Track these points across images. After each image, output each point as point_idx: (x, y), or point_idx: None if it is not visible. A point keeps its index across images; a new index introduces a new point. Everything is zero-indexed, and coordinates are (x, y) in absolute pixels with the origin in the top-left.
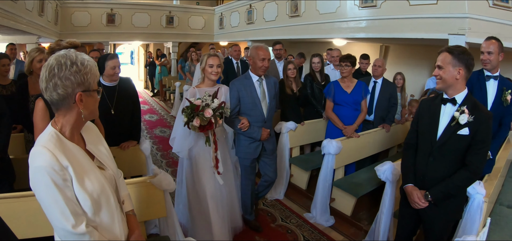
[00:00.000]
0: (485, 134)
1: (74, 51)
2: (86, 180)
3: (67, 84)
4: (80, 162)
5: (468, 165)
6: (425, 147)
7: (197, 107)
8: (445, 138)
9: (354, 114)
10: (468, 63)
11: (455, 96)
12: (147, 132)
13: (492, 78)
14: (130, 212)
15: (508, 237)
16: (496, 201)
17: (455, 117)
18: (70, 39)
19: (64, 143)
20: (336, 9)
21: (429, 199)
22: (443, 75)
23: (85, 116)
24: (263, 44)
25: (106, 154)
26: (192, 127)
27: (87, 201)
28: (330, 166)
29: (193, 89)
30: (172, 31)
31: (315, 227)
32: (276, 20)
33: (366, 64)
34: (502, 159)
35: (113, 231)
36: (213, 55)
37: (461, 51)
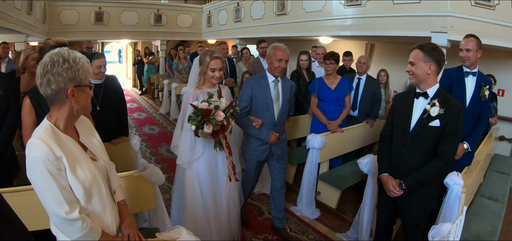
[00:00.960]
0: (455, 125)
1: (67, 49)
2: (79, 169)
3: (59, 80)
4: (73, 152)
5: (439, 154)
6: (399, 138)
7: (207, 111)
8: (417, 129)
9: (338, 110)
10: (438, 59)
11: (427, 90)
12: (136, 130)
13: (471, 74)
14: (121, 202)
15: (489, 227)
16: (478, 193)
17: (427, 110)
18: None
19: (58, 135)
20: (322, 8)
21: (403, 187)
22: (415, 71)
23: (77, 110)
24: (282, 44)
25: (99, 146)
26: (203, 135)
27: (79, 189)
28: (315, 160)
29: (195, 91)
30: (160, 29)
31: (301, 219)
32: (263, 18)
33: (349, 61)
34: (483, 153)
35: (104, 219)
36: (216, 58)
37: (432, 48)
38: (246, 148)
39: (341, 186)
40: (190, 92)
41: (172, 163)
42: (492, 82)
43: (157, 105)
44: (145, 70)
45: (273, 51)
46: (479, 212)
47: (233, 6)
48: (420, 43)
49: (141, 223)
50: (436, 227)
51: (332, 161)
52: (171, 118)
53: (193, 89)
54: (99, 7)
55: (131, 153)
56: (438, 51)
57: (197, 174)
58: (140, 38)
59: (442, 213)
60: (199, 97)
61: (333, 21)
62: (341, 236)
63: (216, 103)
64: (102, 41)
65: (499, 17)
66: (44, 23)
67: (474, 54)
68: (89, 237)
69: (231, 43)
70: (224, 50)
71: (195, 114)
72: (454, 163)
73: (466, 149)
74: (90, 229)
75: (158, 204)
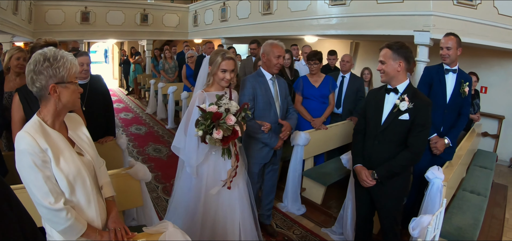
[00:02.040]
0: (424, 119)
1: (52, 48)
2: (63, 162)
3: (41, 78)
4: (58, 146)
5: (409, 146)
6: (371, 132)
7: (217, 115)
8: (388, 122)
9: (322, 107)
10: (407, 56)
11: (397, 86)
12: (123, 130)
13: (451, 71)
14: (110, 198)
15: (470, 219)
16: (460, 187)
17: (397, 104)
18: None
19: (45, 129)
20: (307, 7)
21: (376, 177)
22: (386, 69)
23: (62, 106)
24: (278, 41)
25: (87, 142)
26: (211, 141)
27: (63, 181)
28: (299, 156)
29: (202, 93)
30: (146, 29)
31: (287, 215)
32: (249, 18)
33: (333, 60)
34: (464, 148)
35: (89, 212)
36: (228, 58)
37: (400, 46)
38: (250, 151)
39: (326, 182)
40: (197, 94)
41: (159, 162)
42: (472, 79)
43: (143, 105)
44: (132, 70)
45: (270, 48)
46: (461, 205)
47: (219, 6)
48: (388, 42)
49: (129, 221)
50: (416, 219)
51: (317, 158)
52: (158, 118)
53: (200, 91)
54: (85, 7)
55: (118, 152)
56: (406, 48)
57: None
58: (126, 38)
59: (424, 206)
60: (206, 100)
61: (318, 20)
62: (327, 231)
63: (227, 106)
64: (88, 41)
65: (481, 16)
66: (29, 23)
67: (454, 52)
68: (74, 229)
69: (217, 43)
70: (210, 50)
71: (203, 118)
72: (435, 158)
73: (447, 144)
74: (75, 220)
75: (145, 201)
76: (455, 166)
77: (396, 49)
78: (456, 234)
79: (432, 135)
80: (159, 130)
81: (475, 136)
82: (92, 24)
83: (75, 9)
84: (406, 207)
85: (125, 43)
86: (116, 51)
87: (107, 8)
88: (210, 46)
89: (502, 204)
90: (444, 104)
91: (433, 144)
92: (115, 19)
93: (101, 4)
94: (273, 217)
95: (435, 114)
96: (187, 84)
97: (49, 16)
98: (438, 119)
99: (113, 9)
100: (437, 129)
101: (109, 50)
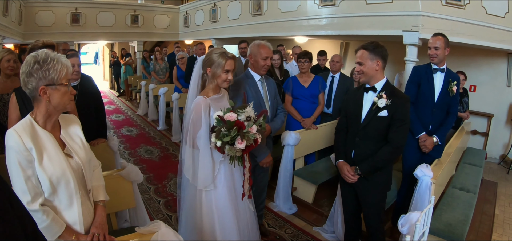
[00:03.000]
0: (402, 114)
1: (45, 50)
2: (47, 162)
3: (31, 80)
4: (45, 146)
5: (390, 141)
6: (353, 129)
7: (240, 124)
8: (367, 120)
9: (312, 107)
10: (383, 55)
11: (375, 85)
12: (114, 132)
13: (439, 71)
14: (100, 202)
15: (460, 216)
16: (450, 184)
17: (375, 102)
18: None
19: (34, 129)
20: (297, 8)
21: (359, 173)
22: (364, 70)
23: (52, 107)
24: (265, 41)
25: (79, 144)
26: (231, 151)
27: (45, 181)
28: (290, 156)
29: (205, 100)
30: (137, 30)
31: (279, 215)
32: (239, 19)
33: (324, 60)
34: (453, 146)
35: (70, 214)
36: (231, 58)
37: (375, 46)
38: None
39: (317, 181)
40: (200, 101)
41: (151, 164)
42: (460, 78)
43: (134, 106)
44: (122, 71)
45: (257, 49)
46: (451, 202)
47: (210, 7)
48: (363, 44)
49: (122, 222)
50: (405, 216)
51: (308, 157)
52: (149, 120)
53: (202, 97)
54: (76, 8)
55: (110, 154)
56: (381, 47)
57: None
58: (117, 39)
59: (413, 203)
60: (210, 107)
61: (308, 21)
62: (318, 230)
63: (248, 113)
64: (78, 43)
65: (469, 16)
66: (20, 25)
67: (442, 52)
68: (50, 230)
69: (208, 44)
70: (201, 51)
71: (227, 128)
72: (424, 156)
73: (435, 142)
74: (52, 221)
75: (138, 202)
76: (444, 164)
77: (373, 49)
78: (446, 230)
79: (421, 133)
80: (151, 131)
81: (464, 134)
82: (83, 26)
83: (66, 10)
84: (397, 205)
85: (116, 44)
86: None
87: (98, 9)
88: (201, 47)
89: (492, 200)
90: (432, 103)
91: (422, 142)
92: (105, 20)
93: (91, 5)
94: (265, 216)
95: (423, 113)
96: (178, 85)
97: (39, 18)
98: (427, 118)
99: (104, 10)
100: (425, 127)
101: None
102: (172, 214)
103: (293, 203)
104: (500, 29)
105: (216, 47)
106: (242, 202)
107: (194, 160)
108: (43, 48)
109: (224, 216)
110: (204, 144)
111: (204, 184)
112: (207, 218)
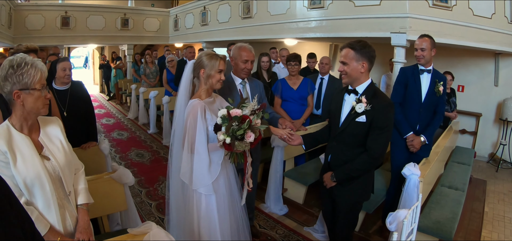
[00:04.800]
0: (383, 121)
1: (21, 55)
2: (21, 165)
3: (6, 84)
4: (20, 149)
5: (368, 150)
6: (332, 133)
7: (245, 118)
8: (345, 124)
9: (301, 109)
10: (370, 56)
11: (356, 88)
12: (105, 136)
13: (426, 71)
14: (83, 206)
15: (448, 213)
16: (438, 183)
17: (353, 106)
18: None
19: (11, 133)
20: (286, 11)
21: (334, 180)
22: (348, 70)
23: (26, 112)
24: (247, 44)
25: (58, 146)
26: (240, 146)
27: (20, 183)
28: (280, 157)
29: (200, 102)
30: (127, 33)
31: (270, 216)
32: (229, 22)
33: (313, 62)
34: (441, 145)
35: (49, 217)
36: (222, 58)
37: (363, 46)
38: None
39: (307, 181)
40: (195, 104)
41: (142, 167)
42: (446, 79)
43: (125, 110)
44: (113, 75)
45: (238, 52)
46: (439, 200)
47: (200, 10)
48: (350, 41)
49: (114, 226)
50: (392, 214)
51: (298, 159)
52: (140, 123)
53: (197, 100)
54: (66, 11)
55: (101, 157)
56: (369, 48)
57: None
58: (107, 43)
59: (402, 202)
60: (205, 109)
61: (297, 23)
62: (309, 230)
63: (252, 107)
64: (68, 46)
65: (457, 17)
66: (9, 29)
67: (428, 53)
68: None
69: (198, 47)
70: (191, 54)
71: (237, 123)
72: (412, 155)
73: (423, 141)
74: (36, 220)
75: (129, 205)
76: (431, 163)
77: (360, 49)
78: (435, 228)
79: (409, 133)
80: (141, 134)
81: (452, 133)
82: (73, 29)
83: (55, 14)
84: (386, 204)
85: (106, 48)
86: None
87: (88, 13)
88: (190, 50)
89: (482, 198)
90: (419, 104)
91: (410, 142)
92: (95, 24)
93: (81, 8)
94: (256, 217)
95: (411, 113)
96: (168, 88)
97: (29, 21)
98: (414, 118)
99: (94, 14)
100: (413, 127)
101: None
102: (164, 217)
103: (284, 204)
104: (487, 30)
105: (206, 50)
106: (237, 202)
107: (193, 163)
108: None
109: (222, 218)
110: (202, 146)
111: (203, 185)
112: (205, 221)
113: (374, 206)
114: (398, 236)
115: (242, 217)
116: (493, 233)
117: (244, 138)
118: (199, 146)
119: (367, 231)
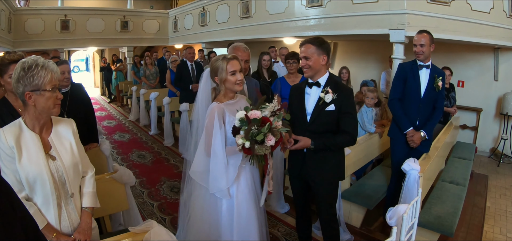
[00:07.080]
0: (348, 105)
1: (33, 57)
2: (26, 161)
3: (18, 85)
4: (27, 146)
5: (346, 132)
6: (300, 126)
7: (266, 120)
8: (315, 115)
9: None
10: (328, 51)
11: (319, 80)
12: (106, 138)
13: (425, 67)
14: (87, 209)
15: (450, 208)
16: (440, 178)
17: (321, 97)
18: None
19: (22, 130)
20: (284, 10)
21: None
22: (311, 64)
23: (38, 112)
24: (242, 44)
25: (67, 148)
26: (260, 150)
27: (23, 178)
28: (280, 155)
29: (219, 105)
30: (127, 35)
31: (272, 214)
32: (228, 22)
33: None
34: (441, 140)
35: (47, 216)
36: (232, 59)
37: (322, 42)
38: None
39: None
40: (213, 107)
41: (144, 168)
42: (445, 74)
43: (126, 112)
44: (114, 77)
45: (232, 52)
46: (440, 195)
47: (199, 11)
48: (308, 38)
49: (117, 226)
50: (392, 209)
51: None
52: (141, 125)
53: (216, 103)
54: (65, 15)
55: (102, 158)
56: (327, 43)
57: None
58: (107, 45)
59: (403, 197)
60: (224, 112)
61: (296, 22)
62: None
63: (272, 108)
64: (68, 50)
65: (454, 13)
66: (9, 33)
67: (427, 49)
68: None
69: (198, 47)
70: (191, 55)
71: (256, 126)
72: (412, 151)
73: (423, 137)
74: (33, 215)
75: (131, 204)
76: (431, 158)
77: (320, 45)
78: (436, 222)
79: (409, 129)
80: (143, 136)
81: (452, 128)
82: (72, 32)
83: (55, 17)
84: (386, 200)
85: (106, 50)
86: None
87: (87, 16)
88: (190, 51)
89: (483, 193)
90: (418, 99)
91: (410, 137)
92: (95, 26)
93: (80, 12)
94: None
95: (410, 109)
96: (171, 89)
97: (28, 26)
98: (414, 114)
99: (93, 17)
100: (413, 123)
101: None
102: (166, 217)
103: (285, 201)
104: (485, 25)
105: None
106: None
107: (211, 166)
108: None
109: (248, 222)
110: (219, 147)
111: (219, 189)
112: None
113: (375, 202)
114: (398, 231)
115: (262, 221)
116: (495, 227)
117: (264, 141)
118: (216, 147)
119: (369, 228)
